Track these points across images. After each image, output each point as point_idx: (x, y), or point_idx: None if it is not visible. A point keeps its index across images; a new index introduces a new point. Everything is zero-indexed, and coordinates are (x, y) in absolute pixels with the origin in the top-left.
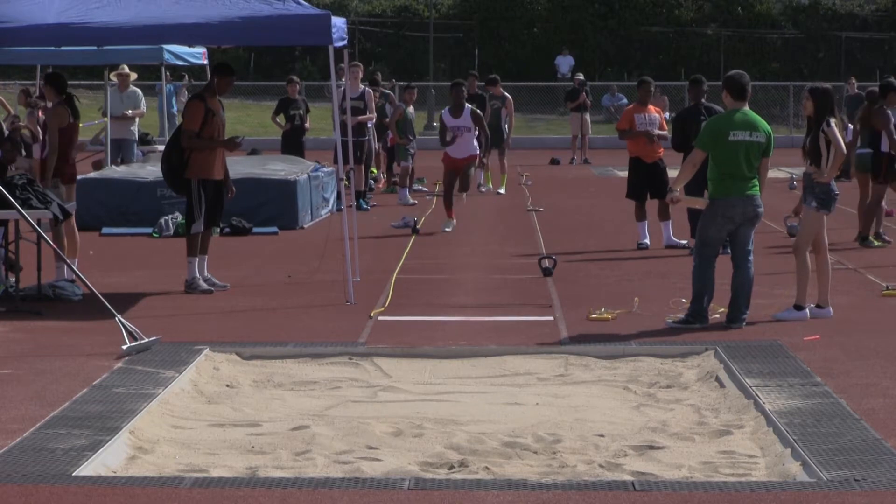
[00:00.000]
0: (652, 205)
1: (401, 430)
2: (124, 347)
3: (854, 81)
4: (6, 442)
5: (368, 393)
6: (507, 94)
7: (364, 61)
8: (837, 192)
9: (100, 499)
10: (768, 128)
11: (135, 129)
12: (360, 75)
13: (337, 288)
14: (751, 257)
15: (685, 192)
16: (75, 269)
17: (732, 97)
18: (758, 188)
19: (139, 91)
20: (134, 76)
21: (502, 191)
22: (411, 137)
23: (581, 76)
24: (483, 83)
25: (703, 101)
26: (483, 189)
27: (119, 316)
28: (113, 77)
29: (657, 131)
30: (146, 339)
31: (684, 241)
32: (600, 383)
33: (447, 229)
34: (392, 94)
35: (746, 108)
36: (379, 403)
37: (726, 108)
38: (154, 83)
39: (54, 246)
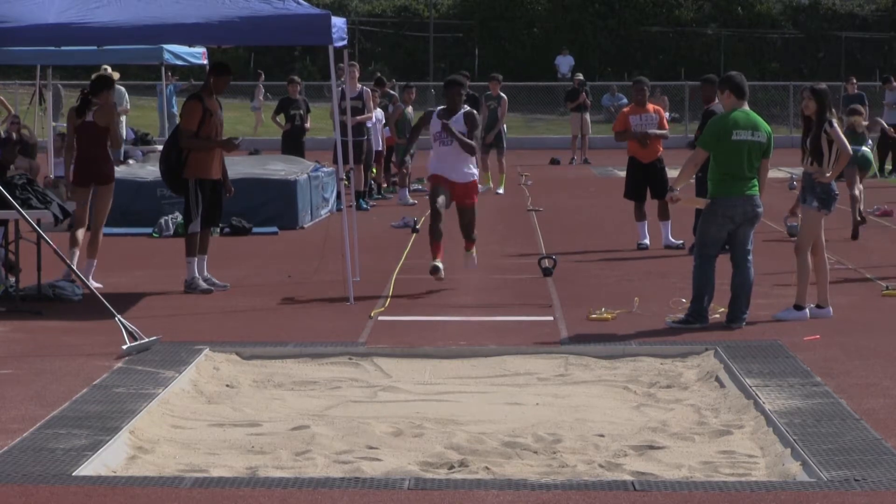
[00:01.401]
0: (652, 205)
1: (401, 430)
2: (124, 347)
3: (854, 81)
4: (6, 442)
5: (368, 393)
6: (502, 94)
7: (364, 61)
8: (837, 192)
9: (100, 499)
10: (768, 128)
11: (121, 127)
12: (357, 75)
13: (337, 288)
14: (750, 257)
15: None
16: (75, 268)
17: (736, 96)
18: (757, 188)
19: (123, 89)
20: (116, 76)
21: (501, 191)
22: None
23: (581, 76)
24: (486, 82)
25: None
26: (482, 189)
27: (119, 316)
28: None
29: (654, 131)
30: (146, 339)
31: (681, 242)
32: (600, 383)
33: (438, 272)
34: (396, 96)
35: (747, 107)
36: (379, 403)
37: (725, 108)
38: (154, 83)
39: (54, 246)
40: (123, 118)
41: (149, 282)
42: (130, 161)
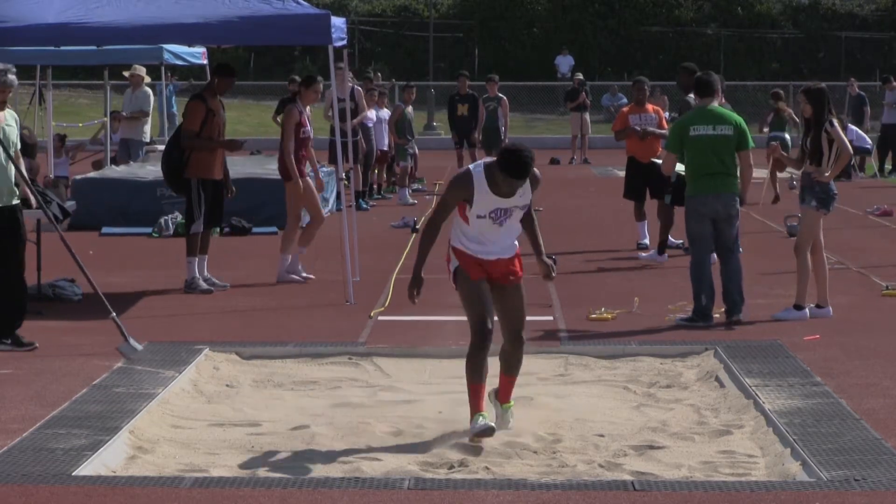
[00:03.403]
0: (652, 204)
1: (401, 430)
2: (119, 347)
3: (854, 82)
4: (6, 442)
5: (368, 393)
6: (501, 94)
7: (364, 61)
8: (836, 192)
9: (100, 499)
10: (739, 119)
11: (144, 129)
12: (350, 75)
13: (337, 288)
14: (738, 252)
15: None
16: (81, 263)
17: (698, 95)
18: (734, 186)
19: (149, 91)
20: (147, 79)
21: None
22: (410, 137)
23: (580, 76)
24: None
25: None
26: None
27: (114, 314)
28: (126, 74)
29: (655, 129)
30: (136, 346)
31: (680, 241)
32: (600, 383)
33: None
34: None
35: (714, 103)
36: (379, 403)
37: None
38: (154, 83)
39: (66, 241)
40: (149, 121)
41: (148, 282)
42: (131, 161)
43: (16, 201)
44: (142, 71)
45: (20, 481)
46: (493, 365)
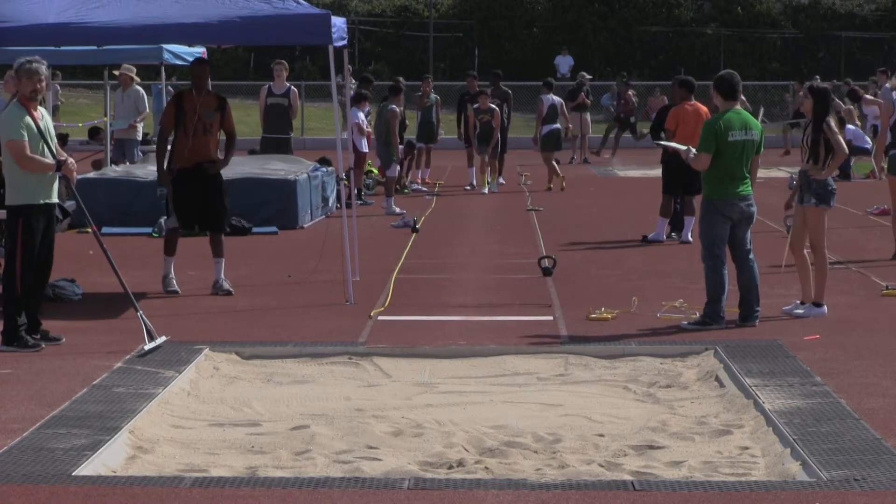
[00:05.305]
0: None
1: (401, 430)
2: (146, 347)
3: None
4: (6, 442)
5: (368, 393)
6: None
7: (364, 61)
8: (835, 188)
9: (100, 499)
10: (759, 125)
11: (138, 129)
12: (286, 74)
13: (337, 288)
14: (751, 255)
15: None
16: (113, 262)
17: (723, 97)
18: (751, 187)
19: (141, 91)
20: (137, 80)
21: (492, 189)
22: (399, 144)
23: (585, 75)
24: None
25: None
26: (485, 191)
27: (141, 313)
28: (116, 73)
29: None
30: (159, 339)
31: (672, 234)
32: (600, 383)
33: None
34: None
35: (738, 107)
36: (379, 403)
37: (717, 109)
38: (148, 83)
39: (101, 240)
40: (140, 125)
41: (149, 282)
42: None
43: (56, 199)
44: (132, 71)
45: (20, 481)
46: None
